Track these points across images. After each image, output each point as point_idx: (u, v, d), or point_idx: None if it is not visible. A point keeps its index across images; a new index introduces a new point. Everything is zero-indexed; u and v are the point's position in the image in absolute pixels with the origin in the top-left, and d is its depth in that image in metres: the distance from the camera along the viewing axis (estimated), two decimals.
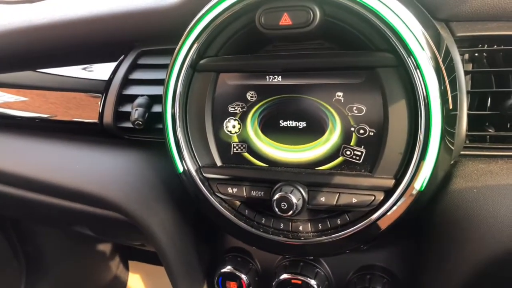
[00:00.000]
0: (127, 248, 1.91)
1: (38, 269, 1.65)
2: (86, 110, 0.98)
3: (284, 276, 0.81)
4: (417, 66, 0.61)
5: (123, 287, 1.97)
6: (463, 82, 0.67)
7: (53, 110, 1.04)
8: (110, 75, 0.94)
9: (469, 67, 0.71)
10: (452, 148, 0.66)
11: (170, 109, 0.76)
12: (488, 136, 0.71)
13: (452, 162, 0.69)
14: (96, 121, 0.94)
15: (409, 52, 0.61)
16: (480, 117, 0.70)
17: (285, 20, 0.65)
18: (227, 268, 0.85)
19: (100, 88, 0.95)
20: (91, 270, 1.82)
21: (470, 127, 0.69)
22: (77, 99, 1.01)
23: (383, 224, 0.67)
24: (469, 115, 0.68)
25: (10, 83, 1.11)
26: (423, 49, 0.60)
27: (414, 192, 0.64)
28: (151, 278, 2.00)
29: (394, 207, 0.65)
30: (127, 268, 1.99)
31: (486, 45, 0.69)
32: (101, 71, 0.99)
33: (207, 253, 0.92)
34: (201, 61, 0.74)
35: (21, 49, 1.07)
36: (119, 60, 0.95)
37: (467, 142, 0.70)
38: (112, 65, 0.96)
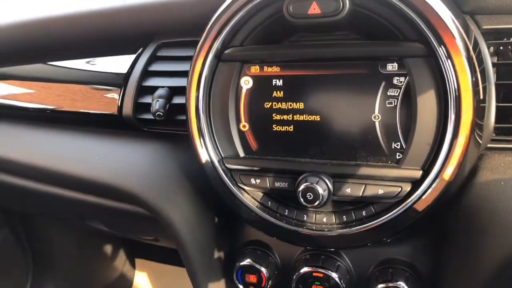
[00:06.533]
0: (134, 245, 1.90)
1: (45, 266, 1.64)
2: (99, 102, 0.98)
3: (305, 269, 0.80)
4: (449, 56, 0.60)
5: (130, 285, 1.96)
6: (492, 73, 0.67)
7: (62, 103, 1.03)
8: (129, 68, 0.94)
9: (494, 60, 0.70)
10: (480, 141, 0.66)
11: (194, 99, 0.75)
12: None
13: (478, 154, 0.69)
14: (115, 113, 0.93)
15: (441, 42, 0.60)
16: (506, 110, 0.70)
17: (314, 9, 0.65)
18: (247, 261, 0.85)
19: (119, 80, 0.94)
20: (98, 267, 1.82)
21: (496, 120, 0.69)
22: (84, 91, 1.00)
23: (410, 216, 0.67)
24: (496, 108, 0.68)
25: (24, 76, 1.11)
26: (455, 38, 0.60)
27: (443, 183, 0.63)
28: (157, 276, 1.99)
29: (422, 198, 0.65)
30: (133, 265, 1.98)
31: (511, 38, 0.69)
32: (107, 64, 0.99)
33: (226, 246, 0.92)
34: (226, 51, 0.74)
35: (38, 42, 1.06)
36: (137, 52, 0.95)
37: (494, 135, 0.70)
38: (127, 58, 0.96)
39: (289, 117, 0.73)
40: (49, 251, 1.64)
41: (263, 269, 0.84)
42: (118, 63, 0.97)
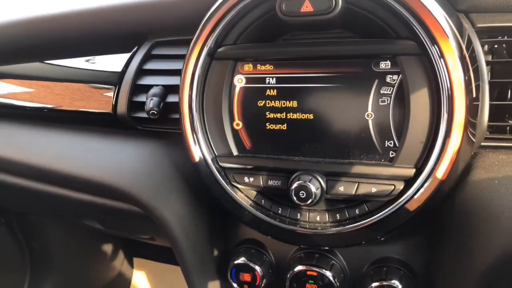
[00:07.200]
0: (132, 245, 1.90)
1: (43, 265, 1.64)
2: (97, 101, 0.98)
3: (299, 267, 0.80)
4: (441, 55, 0.60)
5: (128, 284, 1.96)
6: (485, 72, 0.67)
7: (60, 101, 1.03)
8: (124, 66, 0.94)
9: (489, 58, 0.70)
10: (474, 139, 0.65)
11: (187, 97, 0.75)
12: (508, 128, 0.70)
13: (472, 153, 0.68)
14: (109, 111, 0.93)
15: (434, 41, 0.60)
16: (500, 108, 0.70)
17: (307, 6, 0.64)
18: (241, 260, 0.84)
19: (114, 79, 0.94)
20: (96, 267, 1.82)
21: (490, 118, 0.69)
22: (82, 90, 1.00)
23: (403, 214, 0.67)
24: (489, 106, 0.68)
25: (20, 74, 1.11)
26: (448, 37, 0.60)
27: (436, 181, 0.63)
28: (155, 275, 1.99)
29: (415, 197, 0.65)
30: (131, 265, 1.98)
31: (506, 36, 0.69)
32: (108, 62, 0.99)
33: (220, 245, 0.92)
34: (219, 49, 0.74)
35: (33, 40, 1.06)
36: (132, 51, 0.94)
37: (487, 133, 0.70)
38: (122, 57, 0.95)
39: (283, 116, 0.73)
40: (47, 250, 1.64)
41: (258, 268, 0.84)
42: (117, 62, 0.96)
